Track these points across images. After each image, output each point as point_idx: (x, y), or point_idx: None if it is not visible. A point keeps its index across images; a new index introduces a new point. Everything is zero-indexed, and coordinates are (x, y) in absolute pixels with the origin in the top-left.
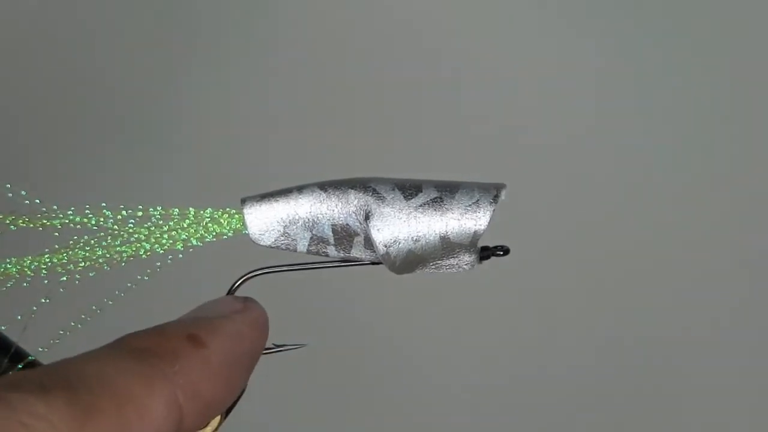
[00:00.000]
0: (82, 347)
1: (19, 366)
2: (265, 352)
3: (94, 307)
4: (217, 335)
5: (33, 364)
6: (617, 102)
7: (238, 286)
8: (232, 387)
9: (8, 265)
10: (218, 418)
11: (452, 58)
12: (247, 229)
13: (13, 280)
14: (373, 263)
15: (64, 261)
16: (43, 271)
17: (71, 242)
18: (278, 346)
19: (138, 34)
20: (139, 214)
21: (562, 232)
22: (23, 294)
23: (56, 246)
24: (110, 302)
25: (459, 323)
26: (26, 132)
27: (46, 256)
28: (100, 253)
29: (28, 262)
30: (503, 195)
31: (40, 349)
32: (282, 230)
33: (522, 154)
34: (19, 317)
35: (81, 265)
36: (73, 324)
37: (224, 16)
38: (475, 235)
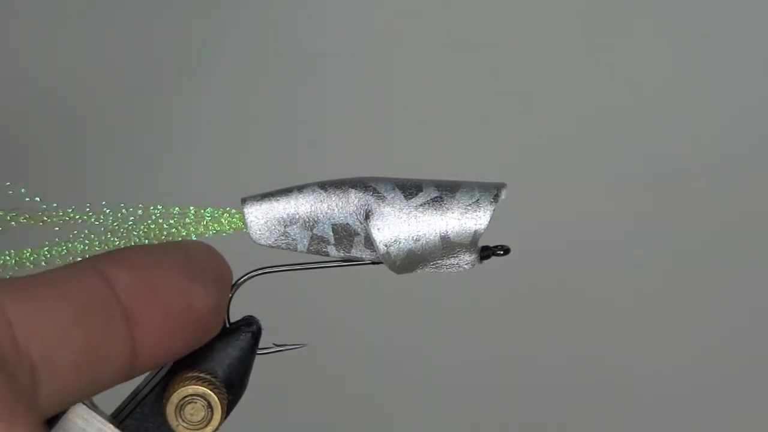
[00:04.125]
0: None
1: None
2: (264, 352)
3: None
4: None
5: None
6: (618, 101)
7: (238, 286)
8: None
9: (7, 258)
10: (219, 418)
11: (452, 57)
12: (247, 229)
13: (11, 273)
14: (373, 263)
15: (63, 253)
16: (43, 263)
17: (71, 236)
18: (278, 346)
19: (138, 34)
20: (140, 212)
21: (562, 232)
22: None
23: (56, 239)
24: None
25: (459, 323)
26: (26, 132)
27: (45, 248)
28: (98, 246)
29: (28, 254)
30: (503, 194)
31: None
32: (282, 230)
33: (522, 153)
34: None
35: (80, 258)
36: None
37: (223, 15)
38: (476, 235)
